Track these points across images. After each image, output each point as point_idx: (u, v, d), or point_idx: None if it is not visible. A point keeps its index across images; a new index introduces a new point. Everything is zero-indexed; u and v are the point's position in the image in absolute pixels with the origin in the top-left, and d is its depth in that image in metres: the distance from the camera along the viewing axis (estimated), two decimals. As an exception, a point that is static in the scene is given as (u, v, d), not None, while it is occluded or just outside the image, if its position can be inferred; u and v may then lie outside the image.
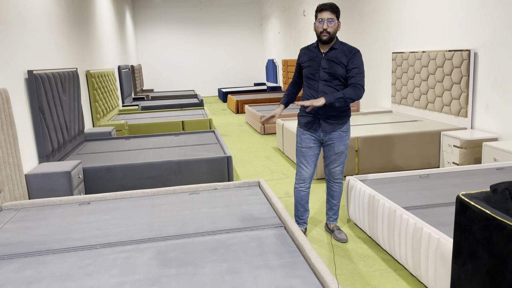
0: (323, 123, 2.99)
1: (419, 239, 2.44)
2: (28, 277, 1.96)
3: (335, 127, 2.99)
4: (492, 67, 4.46)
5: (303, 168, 3.10)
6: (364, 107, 7.59)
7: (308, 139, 3.05)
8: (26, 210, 2.94)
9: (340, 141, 3.03)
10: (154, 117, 7.47)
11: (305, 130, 3.06)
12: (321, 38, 2.89)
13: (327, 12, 2.86)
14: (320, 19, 2.87)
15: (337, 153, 3.06)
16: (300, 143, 3.08)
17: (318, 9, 2.90)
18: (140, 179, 4.03)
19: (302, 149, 3.08)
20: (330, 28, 2.86)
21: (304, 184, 3.14)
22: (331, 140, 3.02)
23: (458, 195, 1.78)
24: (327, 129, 2.99)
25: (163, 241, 2.31)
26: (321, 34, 2.88)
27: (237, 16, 15.74)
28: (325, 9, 2.86)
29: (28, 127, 3.83)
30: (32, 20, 4.20)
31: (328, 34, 2.87)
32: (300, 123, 3.09)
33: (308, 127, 3.03)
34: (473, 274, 1.68)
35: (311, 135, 3.04)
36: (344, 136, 3.03)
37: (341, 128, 3.01)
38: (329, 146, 3.05)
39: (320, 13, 2.88)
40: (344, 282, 2.61)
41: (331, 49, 2.94)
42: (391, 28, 6.39)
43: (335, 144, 3.03)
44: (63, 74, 4.67)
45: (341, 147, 3.04)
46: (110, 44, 8.78)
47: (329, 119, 2.98)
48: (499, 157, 3.89)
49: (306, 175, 3.11)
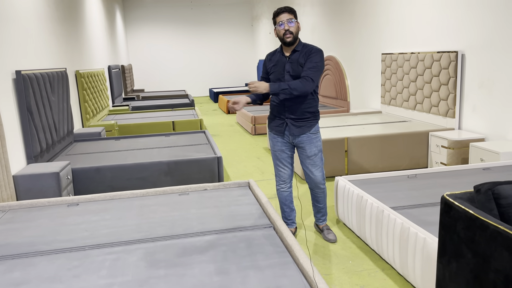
0: (291, 126, 2.98)
1: (406, 238, 2.47)
2: (16, 279, 1.95)
3: (303, 129, 2.98)
4: (479, 69, 4.53)
5: (281, 170, 3.13)
6: (354, 108, 7.64)
7: (279, 142, 3.06)
8: (13, 211, 2.92)
9: (311, 143, 3.00)
10: (145, 118, 7.44)
11: (275, 134, 3.07)
12: (285, 40, 2.90)
13: (284, 14, 2.89)
14: (280, 22, 2.89)
15: (310, 157, 3.02)
16: (273, 147, 3.11)
17: (275, 14, 2.92)
18: (130, 180, 4.02)
19: (275, 152, 3.10)
20: (292, 28, 2.88)
21: (285, 185, 3.16)
22: (302, 143, 3.01)
23: (443, 196, 1.81)
24: (295, 132, 2.98)
25: (152, 242, 2.31)
26: (285, 36, 2.89)
27: (228, 16, 15.74)
28: (282, 11, 2.89)
29: (16, 128, 3.80)
30: (20, 19, 4.16)
31: (291, 34, 2.88)
32: (270, 126, 3.10)
33: (277, 130, 3.05)
34: (458, 273, 1.71)
35: (282, 139, 3.05)
36: (313, 138, 3.00)
37: (309, 130, 2.99)
38: (301, 149, 3.04)
39: (278, 17, 2.91)
40: (333, 282, 2.63)
41: (293, 52, 2.95)
42: (381, 30, 6.44)
43: (306, 147, 3.01)
44: (52, 74, 4.64)
45: (313, 149, 3.01)
46: (100, 43, 8.72)
47: (296, 122, 2.97)
48: (485, 157, 3.94)
49: (285, 176, 3.13)
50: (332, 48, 8.32)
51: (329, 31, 8.41)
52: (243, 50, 16.07)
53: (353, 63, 7.49)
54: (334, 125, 5.47)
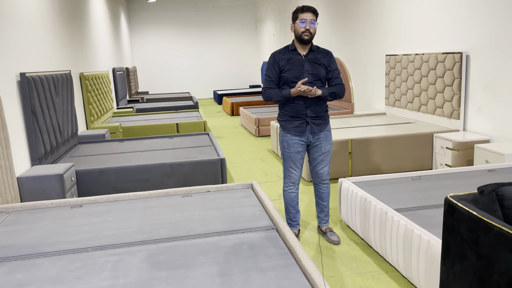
0: (312, 125, 3.02)
1: (410, 240, 2.45)
2: (18, 280, 1.95)
3: (321, 127, 3.06)
4: (484, 70, 4.50)
5: (293, 172, 3.12)
6: (358, 109, 7.62)
7: (296, 144, 3.05)
8: (17, 213, 2.93)
9: (326, 140, 3.10)
10: (149, 120, 7.46)
11: (292, 135, 3.05)
12: (303, 38, 2.93)
13: (309, 13, 2.92)
14: (303, 19, 2.91)
15: (324, 153, 3.11)
16: (288, 148, 3.08)
17: (300, 10, 2.93)
18: (133, 182, 4.03)
19: (290, 154, 3.08)
20: (311, 29, 2.92)
21: (294, 186, 3.16)
22: (319, 140, 3.07)
23: (447, 197, 1.79)
24: (316, 130, 3.04)
25: (155, 244, 2.31)
26: (303, 34, 2.92)
27: (233, 19, 15.76)
28: (308, 10, 2.92)
29: (20, 130, 3.81)
30: (25, 22, 4.19)
31: (310, 34, 2.92)
32: (287, 128, 3.07)
33: (296, 130, 3.04)
34: (461, 275, 1.69)
35: (300, 139, 3.05)
36: (329, 135, 3.12)
37: (326, 128, 3.10)
38: (316, 147, 3.09)
39: (302, 14, 2.93)
40: (336, 284, 2.62)
41: (310, 51, 2.99)
42: (385, 31, 6.42)
43: (322, 144, 3.08)
44: (56, 77, 4.66)
45: (327, 146, 3.11)
46: (104, 46, 8.76)
47: (316, 120, 3.03)
48: (490, 159, 3.91)
49: (295, 177, 3.13)
50: (336, 49, 8.31)
51: (333, 32, 8.39)
52: (247, 52, 16.08)
53: (357, 65, 7.47)
54: (338, 127, 5.46)
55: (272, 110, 8.56)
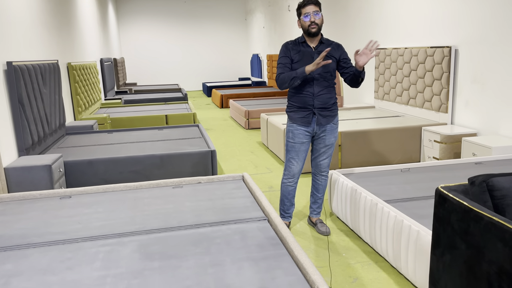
0: (319, 116, 3.02)
1: (399, 231, 2.48)
2: (8, 271, 1.93)
3: (328, 119, 3.05)
4: (472, 64, 4.55)
5: (294, 163, 3.12)
6: (348, 103, 7.66)
7: (302, 134, 3.05)
8: (5, 204, 2.88)
9: (332, 133, 3.09)
10: (137, 111, 7.39)
11: (298, 126, 3.05)
12: (311, 31, 2.93)
13: (311, 5, 2.91)
14: (306, 14, 2.92)
15: (327, 145, 3.11)
16: (292, 138, 3.08)
17: (301, 5, 2.93)
18: (122, 173, 3.99)
19: (294, 144, 3.08)
20: (317, 20, 2.92)
21: (293, 179, 3.16)
22: (324, 132, 3.07)
23: (437, 188, 1.82)
24: (322, 122, 3.03)
25: (146, 235, 2.29)
26: (310, 27, 2.92)
27: (222, 10, 15.65)
28: (308, 3, 2.91)
29: (7, 120, 3.75)
30: (11, 10, 4.10)
31: (316, 25, 2.92)
32: (293, 118, 3.07)
33: (303, 121, 3.03)
34: (451, 265, 1.72)
35: (305, 130, 3.05)
36: (335, 128, 3.11)
37: (333, 120, 3.08)
38: (321, 139, 3.09)
39: (304, 8, 2.92)
40: (327, 274, 2.64)
41: (320, 43, 2.99)
42: (375, 24, 6.45)
43: (327, 137, 3.08)
44: (44, 66, 4.58)
45: (331, 139, 3.10)
46: (92, 36, 8.63)
47: (323, 111, 3.02)
48: (477, 152, 3.98)
49: (295, 170, 3.13)
50: (326, 42, 8.31)
51: (324, 25, 8.39)
52: (237, 44, 16.00)
53: (347, 58, 7.48)
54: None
55: (262, 103, 8.55)
